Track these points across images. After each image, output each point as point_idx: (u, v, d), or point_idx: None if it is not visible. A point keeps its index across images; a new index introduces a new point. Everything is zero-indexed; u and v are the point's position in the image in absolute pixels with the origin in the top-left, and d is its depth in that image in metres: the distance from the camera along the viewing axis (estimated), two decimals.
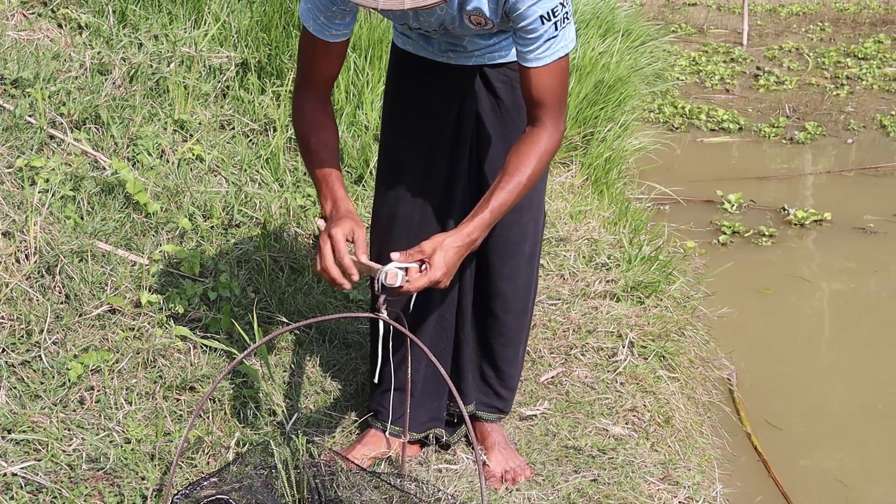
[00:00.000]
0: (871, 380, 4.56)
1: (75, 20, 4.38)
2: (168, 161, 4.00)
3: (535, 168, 2.61)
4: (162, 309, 3.36)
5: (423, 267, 2.54)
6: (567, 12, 2.51)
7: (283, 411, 3.21)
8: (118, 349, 3.15)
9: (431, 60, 2.88)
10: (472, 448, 3.23)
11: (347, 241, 2.54)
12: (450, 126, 2.91)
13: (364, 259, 2.58)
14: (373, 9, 2.23)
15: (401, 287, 2.54)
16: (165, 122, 4.16)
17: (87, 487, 2.72)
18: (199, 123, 4.31)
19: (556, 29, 2.50)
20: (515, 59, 2.79)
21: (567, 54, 2.57)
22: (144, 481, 2.80)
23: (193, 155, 4.11)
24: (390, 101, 3.01)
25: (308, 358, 3.54)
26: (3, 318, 3.03)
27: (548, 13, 2.47)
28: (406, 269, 2.54)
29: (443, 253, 2.53)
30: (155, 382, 3.14)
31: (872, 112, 8.20)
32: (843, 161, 7.28)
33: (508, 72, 2.86)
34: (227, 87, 4.62)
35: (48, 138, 3.70)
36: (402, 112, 2.96)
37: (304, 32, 2.68)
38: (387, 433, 3.17)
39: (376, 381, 3.00)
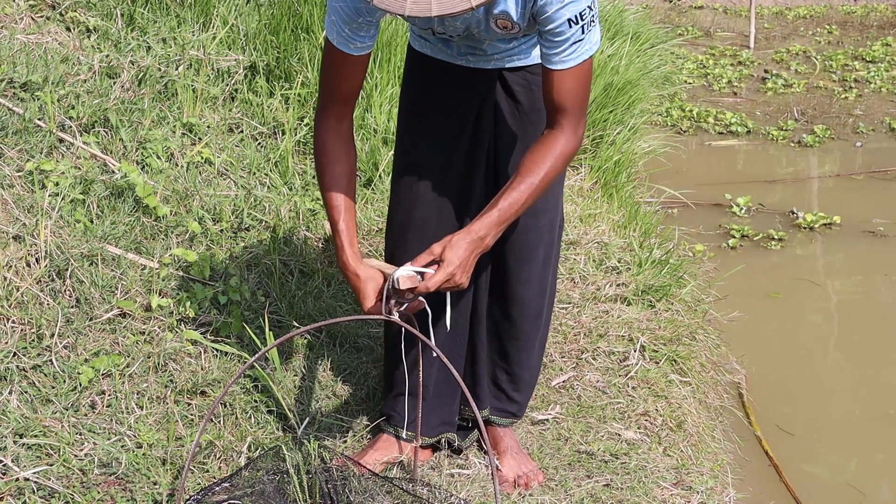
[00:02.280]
0: (882, 383, 4.54)
1: (84, 23, 4.37)
2: (177, 164, 3.99)
3: (549, 170, 2.59)
4: (172, 313, 3.35)
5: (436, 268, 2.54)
6: (594, 15, 2.49)
7: (294, 416, 3.19)
8: (129, 353, 3.14)
9: (450, 63, 2.86)
10: (485, 453, 3.22)
11: None
12: (468, 129, 2.89)
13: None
14: (399, 15, 2.22)
15: (415, 288, 2.53)
16: (174, 126, 4.15)
17: (99, 492, 2.71)
18: (208, 127, 4.30)
19: (583, 32, 2.49)
20: (534, 62, 2.79)
21: (591, 57, 2.55)
22: (156, 486, 2.78)
23: (202, 158, 4.10)
24: (407, 104, 2.99)
25: (319, 362, 3.53)
26: (14, 322, 3.02)
27: (575, 16, 2.46)
28: (422, 275, 2.54)
29: (452, 249, 2.52)
30: (166, 387, 3.13)
31: (881, 115, 8.18)
32: (851, 164, 7.26)
33: (527, 75, 2.84)
34: (236, 90, 4.61)
35: (57, 142, 3.69)
36: (420, 115, 2.94)
37: (327, 48, 2.67)
38: (399, 438, 3.15)
39: (391, 386, 2.99)
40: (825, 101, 8.53)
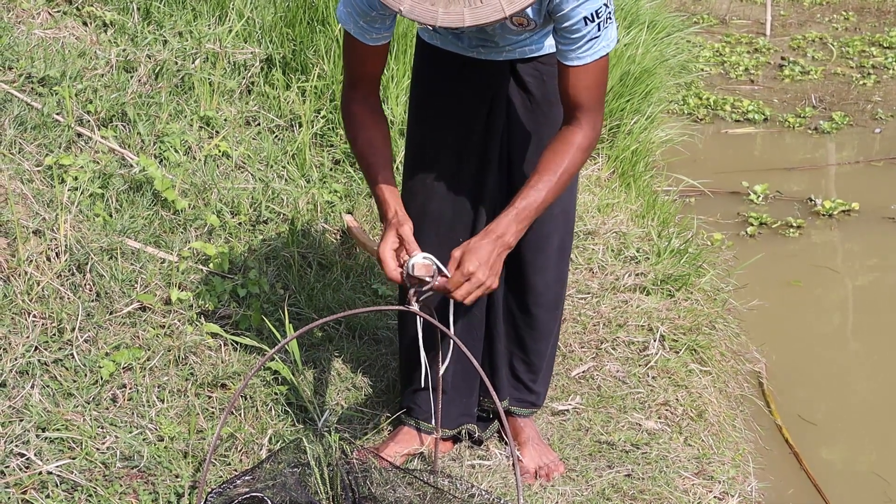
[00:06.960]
0: None
1: (100, 18, 4.39)
2: (195, 158, 3.99)
3: (569, 167, 2.59)
4: (192, 306, 3.36)
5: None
6: (610, 12, 2.49)
7: (314, 408, 3.20)
8: (149, 347, 3.15)
9: (461, 55, 2.85)
10: (506, 443, 3.22)
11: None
12: (479, 122, 2.88)
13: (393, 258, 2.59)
14: (431, 26, 2.22)
15: (430, 284, 2.52)
16: (191, 119, 4.16)
17: (121, 485, 2.72)
18: (225, 120, 4.30)
19: (599, 29, 2.49)
20: (546, 52, 2.79)
21: (607, 54, 2.55)
22: (178, 479, 2.79)
23: (220, 151, 4.11)
24: (418, 97, 2.98)
25: (338, 354, 3.53)
26: (35, 316, 3.03)
27: (592, 14, 2.46)
28: (439, 268, 2.54)
29: (471, 253, 2.52)
30: (186, 380, 3.14)
31: None
32: (870, 150, 7.20)
33: (539, 66, 2.83)
34: (252, 83, 4.61)
35: (76, 136, 3.71)
36: (431, 107, 2.93)
37: (345, 36, 2.67)
38: (420, 430, 3.15)
39: (410, 380, 2.99)
40: (843, 88, 8.47)
